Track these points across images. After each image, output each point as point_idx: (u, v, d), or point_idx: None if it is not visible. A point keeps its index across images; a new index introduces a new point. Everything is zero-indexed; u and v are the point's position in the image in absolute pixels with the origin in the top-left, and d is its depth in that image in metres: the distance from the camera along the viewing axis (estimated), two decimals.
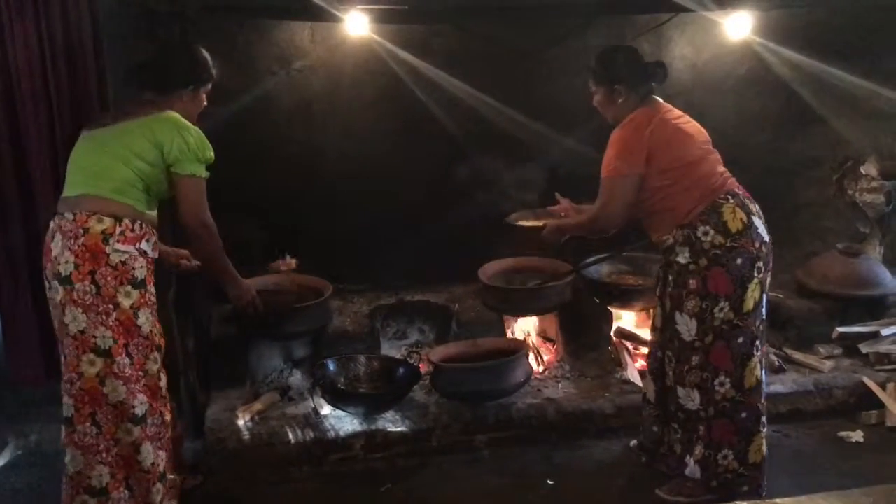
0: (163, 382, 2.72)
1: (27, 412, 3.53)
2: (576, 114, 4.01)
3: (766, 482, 2.95)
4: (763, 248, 2.82)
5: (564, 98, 4.11)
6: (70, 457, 2.62)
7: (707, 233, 2.76)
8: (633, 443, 3.29)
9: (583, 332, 3.94)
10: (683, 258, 2.81)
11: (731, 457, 2.89)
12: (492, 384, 3.42)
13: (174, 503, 2.81)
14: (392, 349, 3.96)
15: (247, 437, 3.25)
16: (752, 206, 2.86)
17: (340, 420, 3.37)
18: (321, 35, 3.91)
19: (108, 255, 2.51)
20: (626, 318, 4.04)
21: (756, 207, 2.88)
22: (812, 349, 3.96)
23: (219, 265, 2.90)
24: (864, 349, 3.87)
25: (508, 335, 3.95)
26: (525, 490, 3.12)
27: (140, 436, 2.62)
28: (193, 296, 3.60)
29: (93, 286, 2.50)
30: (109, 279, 2.51)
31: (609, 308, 3.94)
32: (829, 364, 3.81)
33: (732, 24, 3.79)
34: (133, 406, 2.59)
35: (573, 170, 4.08)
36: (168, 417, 2.76)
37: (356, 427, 3.33)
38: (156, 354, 2.67)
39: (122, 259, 2.53)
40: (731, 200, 2.81)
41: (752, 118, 4.43)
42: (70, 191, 2.62)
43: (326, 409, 3.43)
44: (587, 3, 3.84)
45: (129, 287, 2.54)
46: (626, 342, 3.91)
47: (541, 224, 3.26)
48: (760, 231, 2.83)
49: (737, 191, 2.86)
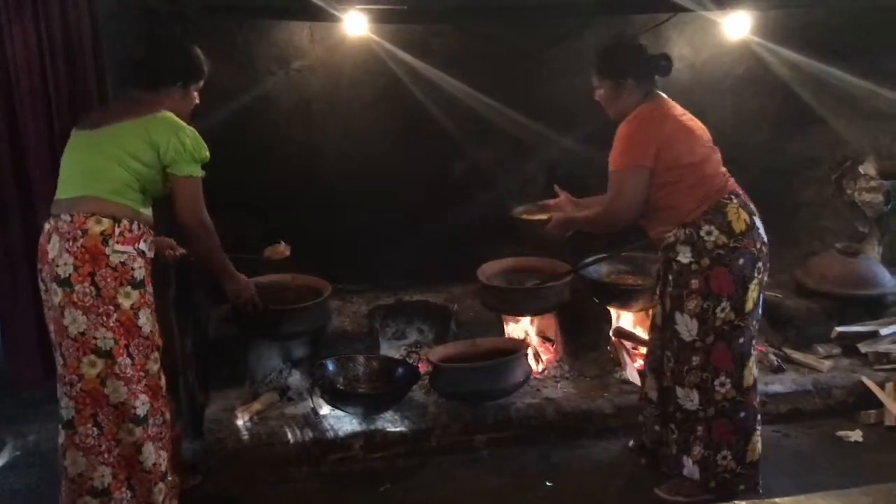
0: (163, 382, 2.72)
1: (25, 412, 3.53)
2: (575, 114, 4.01)
3: (762, 480, 2.95)
4: (763, 249, 2.83)
5: (564, 98, 4.11)
6: (70, 460, 2.60)
7: (710, 232, 2.76)
8: (632, 443, 3.29)
9: (582, 332, 3.94)
10: (685, 257, 2.80)
11: (730, 457, 2.89)
12: (491, 384, 3.42)
13: (175, 503, 2.82)
14: (391, 349, 3.96)
15: (246, 437, 3.25)
16: (752, 207, 2.87)
17: (339, 420, 3.37)
18: (320, 35, 3.91)
19: (108, 257, 2.50)
20: (626, 318, 4.05)
21: (754, 208, 2.88)
22: (811, 349, 3.96)
23: (217, 263, 2.90)
24: (863, 349, 3.87)
25: (507, 335, 3.95)
26: (524, 490, 3.12)
27: (142, 436, 2.62)
28: (193, 296, 3.60)
29: (93, 287, 2.49)
30: (109, 280, 2.50)
31: (608, 308, 3.95)
32: (828, 364, 3.82)
33: (731, 24, 3.79)
34: (134, 406, 2.59)
35: (572, 169, 4.09)
36: (168, 417, 2.76)
37: (355, 427, 3.33)
38: (156, 354, 2.67)
39: (122, 260, 2.53)
40: (735, 201, 2.82)
41: (751, 118, 4.42)
42: (65, 192, 2.60)
43: (325, 409, 3.43)
44: (586, 3, 3.84)
45: (129, 287, 2.54)
46: (626, 342, 3.91)
47: (545, 218, 3.21)
48: (761, 232, 2.84)
49: (738, 191, 2.87)
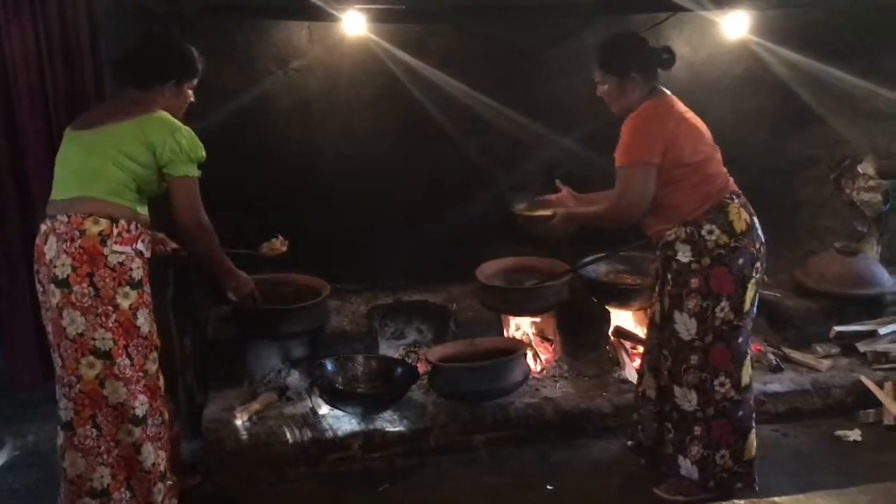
0: (161, 382, 2.72)
1: (24, 413, 3.51)
2: (574, 114, 4.02)
3: (760, 479, 2.95)
4: (761, 249, 2.84)
5: (563, 98, 4.11)
6: (69, 461, 2.60)
7: (712, 232, 2.76)
8: (630, 442, 3.28)
9: (581, 332, 3.94)
10: (684, 256, 2.79)
11: (728, 456, 2.90)
12: (490, 384, 3.42)
13: (174, 503, 2.81)
14: (390, 349, 3.96)
15: (245, 437, 3.24)
16: (750, 207, 2.87)
17: (338, 420, 3.36)
18: (319, 35, 3.90)
19: (107, 257, 2.50)
20: (624, 318, 4.04)
21: (751, 208, 2.89)
22: (810, 348, 3.96)
23: (216, 261, 2.87)
24: (862, 348, 3.87)
25: (506, 335, 3.95)
26: (523, 490, 3.12)
27: (141, 436, 2.62)
28: (191, 296, 3.60)
29: (91, 288, 2.48)
30: (108, 281, 2.50)
31: (607, 307, 3.94)
32: (827, 363, 3.82)
33: (730, 24, 3.80)
34: (134, 407, 2.59)
35: (571, 169, 4.07)
36: (167, 417, 2.76)
37: (354, 427, 3.33)
38: (154, 354, 2.67)
39: (120, 260, 2.52)
40: (736, 201, 2.82)
41: (750, 117, 4.42)
42: (62, 193, 2.58)
43: (324, 409, 3.43)
44: (585, 3, 3.83)
45: (128, 288, 2.54)
46: (624, 341, 3.91)
47: (549, 214, 3.16)
48: (759, 232, 2.85)
49: (738, 191, 2.87)
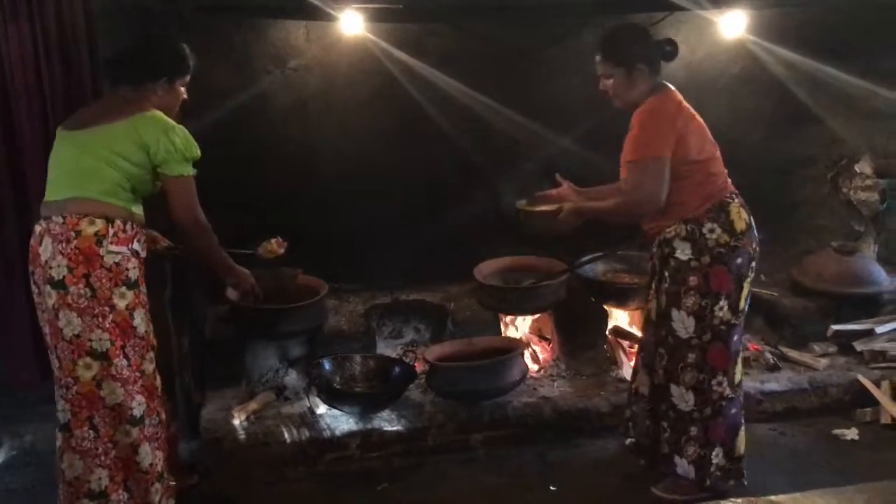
0: (158, 382, 2.72)
1: (22, 412, 3.51)
2: (572, 113, 4.01)
3: (759, 477, 2.97)
4: (757, 249, 2.85)
5: (560, 97, 4.10)
6: (68, 463, 2.59)
7: (713, 230, 2.76)
8: (628, 441, 3.27)
9: (578, 331, 3.94)
10: (683, 254, 2.79)
11: (722, 454, 2.91)
12: (487, 383, 3.42)
13: (171, 503, 2.81)
14: (388, 348, 3.96)
15: (242, 437, 3.24)
16: (747, 207, 2.88)
17: (336, 419, 3.36)
18: (316, 34, 3.90)
19: (103, 258, 2.49)
20: (622, 317, 4.05)
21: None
22: (807, 347, 3.97)
23: (216, 258, 2.85)
24: (859, 347, 3.88)
25: (504, 334, 3.95)
26: (521, 489, 3.12)
27: (138, 437, 2.61)
28: (189, 295, 3.60)
29: (87, 289, 2.48)
30: (104, 281, 2.49)
31: (604, 307, 3.95)
32: (824, 362, 3.82)
33: (727, 23, 3.80)
34: (131, 408, 2.58)
35: (569, 169, 4.06)
36: (164, 417, 2.76)
37: (352, 426, 3.33)
38: (151, 354, 2.66)
39: (116, 260, 2.52)
40: (736, 200, 2.83)
41: (747, 117, 4.42)
42: (56, 194, 2.57)
43: (322, 409, 3.43)
44: (583, 3, 3.83)
45: (124, 288, 2.53)
46: (622, 340, 3.92)
47: (553, 208, 3.09)
48: (755, 231, 2.86)
49: (736, 191, 2.87)
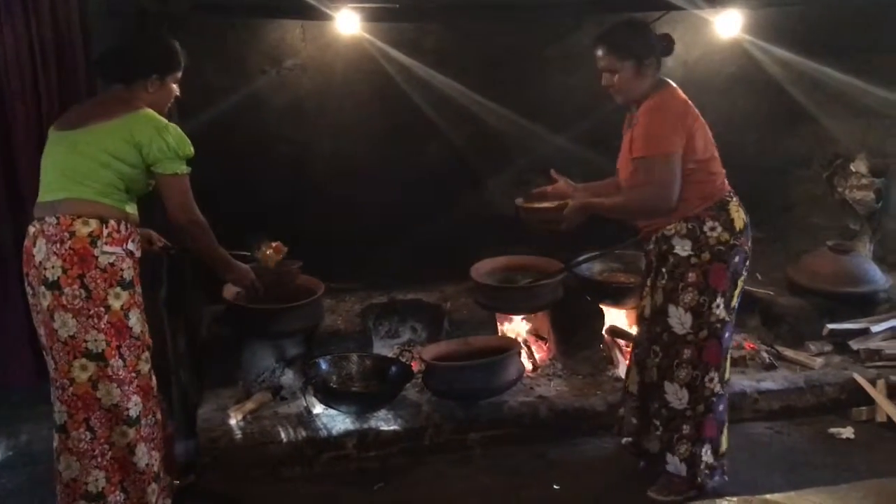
0: (154, 382, 2.71)
1: (18, 413, 3.51)
2: (568, 112, 4.01)
3: (753, 476, 3.01)
4: (750, 247, 2.87)
5: (557, 97, 4.11)
6: (64, 464, 2.59)
7: (714, 228, 2.76)
8: (625, 441, 3.26)
9: (575, 330, 3.95)
10: (683, 250, 2.78)
11: (709, 450, 2.92)
12: (484, 382, 3.42)
13: (168, 503, 2.81)
14: (384, 348, 3.96)
15: (239, 437, 3.24)
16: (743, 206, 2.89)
17: (333, 419, 3.36)
18: (312, 34, 3.89)
19: (97, 258, 2.49)
20: (618, 316, 4.05)
21: None
22: (803, 346, 3.97)
23: (214, 256, 2.84)
24: (855, 346, 3.88)
25: (500, 333, 3.95)
26: (518, 488, 3.12)
27: (135, 437, 2.61)
28: (185, 295, 3.59)
29: (82, 290, 2.47)
30: (99, 282, 2.49)
31: (601, 306, 3.95)
32: (820, 361, 3.83)
33: (723, 22, 3.80)
34: (127, 408, 2.58)
35: (566, 168, 4.08)
36: (160, 417, 2.76)
37: (348, 426, 3.32)
38: (146, 354, 2.66)
39: (111, 261, 2.51)
40: (734, 199, 2.84)
41: (743, 116, 4.43)
42: (49, 195, 2.56)
43: (319, 408, 3.43)
44: (578, 2, 3.83)
45: (119, 288, 2.53)
46: (618, 340, 3.92)
47: (554, 205, 3.03)
48: (750, 231, 2.87)
49: (733, 190, 2.88)
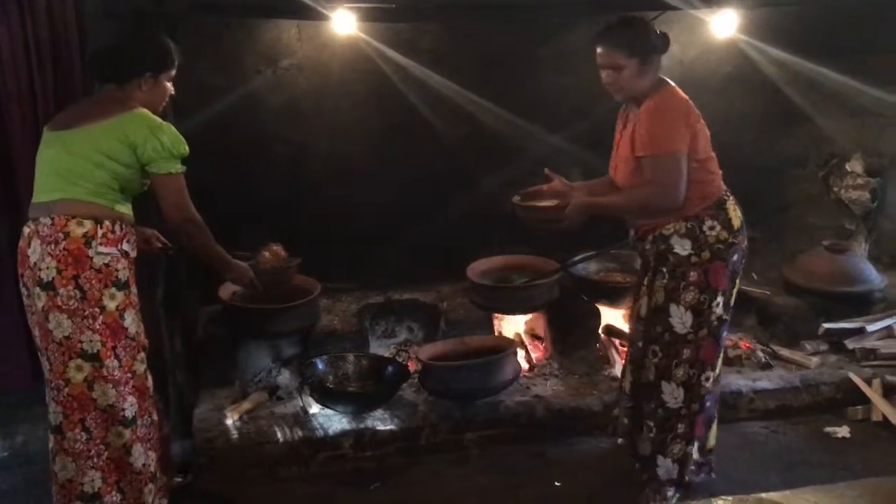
0: (149, 382, 2.71)
1: (14, 413, 3.50)
2: (564, 112, 4.02)
3: (743, 473, 3.02)
4: (746, 245, 2.87)
5: (553, 96, 4.11)
6: (60, 465, 2.59)
7: (713, 227, 2.77)
8: (621, 441, 3.26)
9: (571, 330, 3.95)
10: (683, 249, 2.78)
11: (696, 448, 2.93)
12: (480, 382, 3.42)
13: (165, 503, 2.81)
14: (381, 348, 3.96)
15: (235, 437, 3.24)
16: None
17: (329, 419, 3.36)
18: (308, 34, 3.89)
19: (92, 259, 2.49)
20: (615, 316, 4.05)
21: None
22: (799, 345, 3.97)
23: (212, 254, 2.83)
24: (851, 345, 3.89)
25: (497, 333, 3.95)
26: (514, 488, 3.12)
27: (131, 438, 2.61)
28: (181, 295, 3.59)
29: (77, 291, 2.47)
30: (94, 282, 2.49)
31: (597, 305, 3.95)
32: (816, 360, 3.83)
33: (719, 22, 3.80)
34: (123, 409, 2.58)
35: (562, 168, 4.08)
36: (156, 417, 2.76)
37: (345, 426, 3.33)
38: (142, 355, 2.66)
39: (106, 261, 2.51)
40: (731, 198, 2.85)
41: (738, 116, 4.43)
42: (44, 196, 2.56)
43: (315, 408, 3.43)
44: (574, 2, 3.83)
45: (114, 289, 2.53)
46: (615, 339, 3.92)
47: (553, 204, 2.98)
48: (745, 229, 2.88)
49: (729, 189, 2.89)
